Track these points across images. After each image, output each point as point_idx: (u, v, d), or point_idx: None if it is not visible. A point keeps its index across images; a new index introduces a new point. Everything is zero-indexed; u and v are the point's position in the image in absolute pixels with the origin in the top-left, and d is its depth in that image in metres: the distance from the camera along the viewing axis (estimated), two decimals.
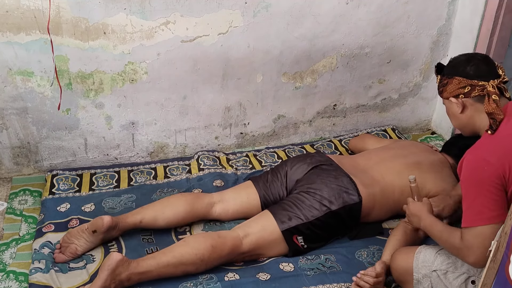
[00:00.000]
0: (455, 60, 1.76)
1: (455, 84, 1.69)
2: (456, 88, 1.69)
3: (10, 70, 2.27)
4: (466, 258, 1.60)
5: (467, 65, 1.70)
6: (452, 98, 1.71)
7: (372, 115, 3.02)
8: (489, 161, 1.54)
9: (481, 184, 1.55)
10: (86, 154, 2.60)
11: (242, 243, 1.94)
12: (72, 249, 1.99)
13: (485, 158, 1.55)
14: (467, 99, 1.69)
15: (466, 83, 1.67)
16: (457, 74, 1.69)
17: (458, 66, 1.71)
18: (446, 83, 1.72)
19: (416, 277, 1.77)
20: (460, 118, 1.74)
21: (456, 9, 2.78)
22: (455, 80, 1.69)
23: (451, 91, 1.71)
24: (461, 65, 1.71)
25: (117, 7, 2.26)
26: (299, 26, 2.57)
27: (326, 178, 2.11)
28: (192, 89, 2.58)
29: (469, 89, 1.67)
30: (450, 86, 1.71)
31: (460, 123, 1.76)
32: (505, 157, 1.54)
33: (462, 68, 1.70)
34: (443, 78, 1.74)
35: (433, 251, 1.78)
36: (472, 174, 1.58)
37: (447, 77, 1.72)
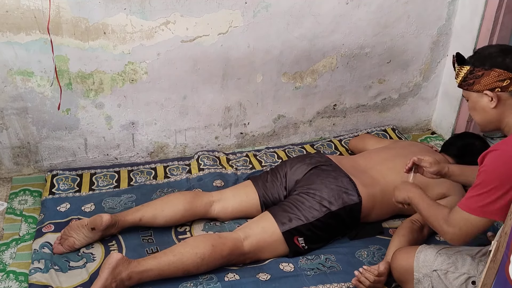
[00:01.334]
0: (487, 50, 1.65)
1: (494, 76, 1.58)
2: (494, 80, 1.58)
3: (10, 70, 2.27)
4: (445, 234, 1.60)
5: (506, 57, 1.60)
6: (487, 91, 1.60)
7: (372, 115, 3.02)
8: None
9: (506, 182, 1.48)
10: (86, 154, 2.60)
11: (243, 244, 1.94)
12: (71, 243, 2.01)
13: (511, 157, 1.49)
14: (503, 93, 1.59)
15: (506, 76, 1.57)
16: (495, 65, 1.58)
17: (494, 57, 1.60)
18: (481, 74, 1.59)
19: (416, 276, 1.77)
20: (489, 113, 1.64)
21: (456, 9, 2.78)
22: (494, 72, 1.58)
23: (487, 84, 1.59)
24: (498, 56, 1.60)
25: (117, 7, 2.26)
26: (299, 26, 2.57)
27: (325, 179, 2.11)
28: (192, 89, 2.58)
29: (508, 83, 1.57)
30: (487, 78, 1.58)
31: (487, 118, 1.66)
32: None
33: (500, 59, 1.58)
34: (476, 69, 1.61)
35: (433, 250, 1.78)
36: (502, 168, 1.50)
37: (482, 68, 1.59)
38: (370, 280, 1.84)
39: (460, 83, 1.68)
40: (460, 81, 1.67)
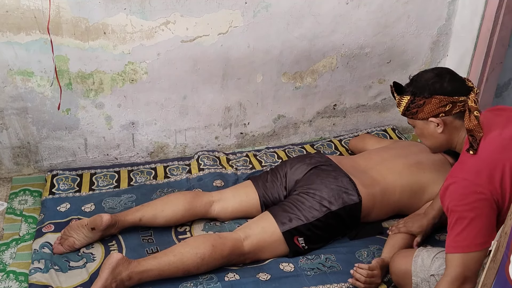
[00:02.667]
0: (423, 77, 1.66)
1: (435, 104, 1.60)
2: (437, 107, 1.60)
3: (10, 70, 2.27)
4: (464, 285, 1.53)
5: (442, 81, 1.61)
6: (432, 118, 1.62)
7: (372, 115, 3.02)
8: (481, 184, 1.48)
9: (479, 208, 1.48)
10: (86, 154, 2.60)
11: (243, 244, 1.95)
12: (70, 243, 2.01)
13: (475, 182, 1.49)
14: (447, 117, 1.62)
15: (447, 101, 1.59)
16: (435, 92, 1.60)
17: (432, 84, 1.62)
18: (422, 103, 1.62)
19: (414, 281, 1.77)
20: (438, 138, 1.67)
21: (456, 9, 2.78)
22: (435, 99, 1.60)
23: (430, 111, 1.62)
24: (436, 82, 1.62)
25: (117, 7, 2.26)
26: (299, 26, 2.57)
27: (325, 179, 2.11)
28: (192, 89, 2.58)
29: (450, 107, 1.59)
30: (429, 106, 1.61)
31: (438, 142, 1.69)
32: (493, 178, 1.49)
33: (438, 85, 1.61)
34: (417, 99, 1.63)
35: (430, 255, 1.77)
36: (466, 199, 1.49)
37: (423, 97, 1.62)
38: (363, 275, 1.87)
39: (403, 112, 1.70)
40: (403, 110, 1.69)
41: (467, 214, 1.50)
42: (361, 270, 1.89)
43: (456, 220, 1.52)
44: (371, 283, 1.89)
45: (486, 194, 1.48)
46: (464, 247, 1.51)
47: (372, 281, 1.88)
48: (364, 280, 1.87)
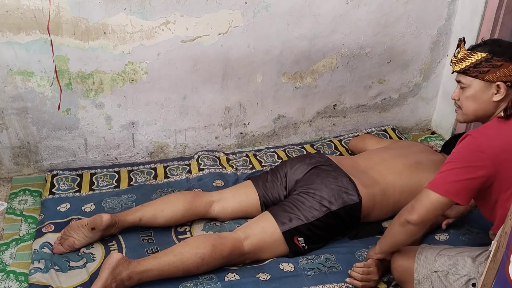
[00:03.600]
0: (504, 42, 1.63)
1: (511, 70, 1.56)
2: (511, 73, 1.56)
3: (10, 70, 2.27)
4: (411, 214, 1.63)
5: None
6: (500, 83, 1.57)
7: (372, 115, 3.02)
8: (486, 151, 1.52)
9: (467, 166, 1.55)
10: (86, 154, 2.60)
11: (243, 244, 1.94)
12: (70, 243, 2.01)
13: (482, 146, 1.53)
14: (510, 88, 1.58)
15: None
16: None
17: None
18: (499, 65, 1.56)
19: (417, 277, 1.77)
20: (489, 105, 1.62)
21: (456, 9, 2.78)
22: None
23: (503, 75, 1.57)
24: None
25: (117, 7, 2.26)
26: (299, 26, 2.57)
27: (325, 179, 2.11)
28: (192, 89, 2.58)
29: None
30: (504, 70, 1.55)
31: (484, 109, 1.64)
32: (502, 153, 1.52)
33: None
34: (495, 58, 1.57)
35: (434, 251, 1.78)
36: (464, 152, 1.57)
37: (503, 59, 1.56)
38: (359, 273, 1.89)
39: (466, 68, 1.62)
40: (467, 67, 1.62)
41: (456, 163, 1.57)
42: (357, 268, 1.91)
43: (447, 162, 1.60)
44: (368, 280, 1.90)
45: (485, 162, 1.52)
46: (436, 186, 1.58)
47: (369, 278, 1.90)
48: (361, 278, 1.89)
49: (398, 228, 1.72)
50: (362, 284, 1.90)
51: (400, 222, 1.70)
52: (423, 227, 1.67)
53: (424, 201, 1.61)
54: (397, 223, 1.73)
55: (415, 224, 1.65)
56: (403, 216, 1.68)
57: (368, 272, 1.90)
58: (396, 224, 1.73)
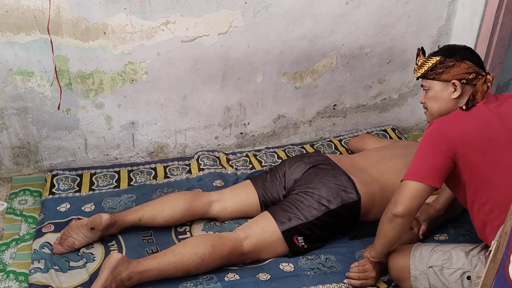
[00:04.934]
0: (455, 45, 1.79)
1: (464, 68, 1.70)
2: (464, 72, 1.70)
3: (10, 70, 2.27)
4: (395, 207, 1.69)
5: (472, 54, 1.73)
6: (455, 81, 1.71)
7: (372, 115, 3.02)
8: (447, 134, 1.65)
9: (433, 149, 1.67)
10: (86, 154, 2.60)
11: (242, 244, 1.95)
12: (70, 243, 2.01)
13: (445, 130, 1.66)
14: (466, 85, 1.72)
15: (474, 69, 1.70)
16: (466, 58, 1.70)
17: (465, 52, 1.73)
18: (452, 65, 1.71)
19: (413, 273, 1.79)
20: (449, 103, 1.75)
21: (456, 9, 2.79)
22: (465, 64, 1.70)
23: (456, 74, 1.71)
24: (467, 51, 1.73)
25: (117, 7, 2.26)
26: (299, 26, 2.57)
27: (324, 177, 2.11)
28: (192, 89, 2.58)
29: (473, 76, 1.70)
30: (457, 69, 1.70)
31: (446, 107, 1.77)
32: (464, 135, 1.64)
33: (469, 54, 1.72)
34: (447, 60, 1.72)
35: (428, 248, 1.81)
36: (429, 138, 1.70)
37: (454, 59, 1.71)
38: (355, 272, 1.91)
39: (425, 72, 1.77)
40: (426, 71, 1.77)
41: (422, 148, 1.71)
42: (353, 268, 1.93)
43: (416, 152, 1.72)
44: (366, 278, 1.91)
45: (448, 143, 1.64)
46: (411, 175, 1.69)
47: (366, 275, 1.91)
48: (357, 276, 1.91)
49: (387, 225, 1.77)
50: (360, 282, 1.91)
51: (387, 218, 1.75)
52: (410, 217, 1.72)
53: (404, 192, 1.69)
54: (385, 221, 1.77)
55: (402, 215, 1.70)
56: (389, 211, 1.73)
57: (364, 270, 1.92)
58: (384, 221, 1.77)
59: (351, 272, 1.93)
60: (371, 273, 1.91)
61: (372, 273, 1.91)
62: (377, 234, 1.85)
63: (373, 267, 1.92)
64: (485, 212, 1.66)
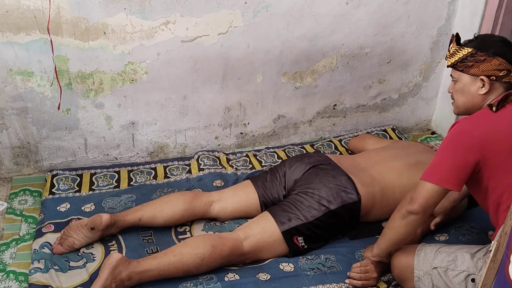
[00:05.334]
0: (490, 37, 1.70)
1: (494, 64, 1.62)
2: (494, 68, 1.62)
3: (10, 70, 2.27)
4: (411, 205, 1.67)
5: (508, 49, 1.64)
6: (484, 77, 1.64)
7: (372, 115, 3.02)
8: (474, 136, 1.59)
9: (455, 151, 1.61)
10: (86, 154, 2.60)
11: (242, 244, 1.95)
12: (70, 243, 2.01)
13: (471, 132, 1.60)
14: (496, 82, 1.64)
15: (506, 67, 1.62)
16: (499, 54, 1.62)
17: (499, 46, 1.64)
18: (483, 59, 1.63)
19: (417, 274, 1.78)
20: (475, 98, 1.68)
21: (456, 9, 2.79)
22: (496, 60, 1.62)
23: (486, 70, 1.63)
24: (503, 46, 1.65)
25: (117, 7, 2.26)
26: (299, 26, 2.57)
27: (324, 178, 2.11)
28: (192, 89, 2.58)
29: (504, 73, 1.62)
30: (487, 65, 1.62)
31: (472, 102, 1.70)
32: (490, 138, 1.58)
33: (504, 50, 1.63)
34: (479, 53, 1.64)
35: (433, 248, 1.80)
36: (453, 139, 1.63)
37: (486, 54, 1.63)
38: (357, 272, 1.91)
39: (455, 63, 1.70)
40: (456, 61, 1.70)
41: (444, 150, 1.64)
42: (355, 268, 1.93)
43: (437, 152, 1.67)
44: (367, 279, 1.91)
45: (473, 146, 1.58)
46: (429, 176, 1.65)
47: (367, 276, 1.91)
48: (359, 277, 1.90)
49: (399, 222, 1.75)
50: (361, 283, 1.90)
51: (401, 214, 1.73)
52: (424, 215, 1.70)
53: (421, 191, 1.66)
54: (397, 217, 1.75)
55: (417, 213, 1.68)
56: (404, 208, 1.71)
57: (366, 271, 1.91)
58: (397, 218, 1.75)
59: (353, 272, 1.93)
60: (372, 273, 1.91)
61: (374, 274, 1.91)
62: (385, 230, 1.84)
63: (375, 267, 1.92)
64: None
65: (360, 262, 1.94)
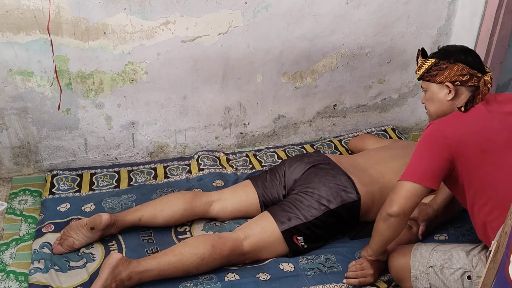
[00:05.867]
0: (451, 47, 1.80)
1: (456, 70, 1.70)
2: (456, 74, 1.71)
3: (10, 70, 2.27)
4: (390, 207, 1.70)
5: (468, 55, 1.74)
6: (448, 83, 1.72)
7: (372, 115, 3.02)
8: (446, 134, 1.66)
9: (430, 150, 1.68)
10: (86, 154, 2.60)
11: (242, 244, 1.95)
12: (70, 243, 2.01)
13: (443, 131, 1.67)
14: (461, 87, 1.72)
15: (467, 71, 1.70)
16: (459, 61, 1.71)
17: (458, 54, 1.73)
18: (445, 67, 1.72)
19: (413, 273, 1.79)
20: (444, 105, 1.76)
21: (456, 9, 2.79)
22: (457, 66, 1.70)
23: (449, 76, 1.72)
24: (461, 54, 1.73)
25: (117, 7, 2.26)
26: (299, 26, 2.57)
27: (324, 177, 2.11)
28: (192, 89, 2.58)
29: (467, 78, 1.70)
30: (450, 71, 1.71)
31: (442, 109, 1.77)
32: (463, 135, 1.65)
33: (463, 56, 1.72)
34: (441, 62, 1.73)
35: (429, 248, 1.81)
36: (427, 139, 1.71)
37: (447, 62, 1.72)
38: (353, 270, 1.92)
39: (422, 74, 1.79)
40: (423, 73, 1.78)
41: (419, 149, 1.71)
42: (351, 267, 1.94)
43: (414, 153, 1.73)
44: (364, 276, 1.91)
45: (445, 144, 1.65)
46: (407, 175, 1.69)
47: (364, 273, 1.91)
48: (355, 275, 1.91)
49: (382, 224, 1.77)
50: (358, 280, 1.91)
51: (382, 217, 1.76)
52: (404, 217, 1.72)
53: (400, 192, 1.69)
54: (380, 220, 1.78)
55: (396, 215, 1.70)
56: (384, 211, 1.74)
57: (361, 268, 1.92)
58: (380, 220, 1.78)
59: (349, 271, 1.94)
60: (368, 270, 1.92)
61: (370, 271, 1.92)
62: (373, 232, 1.86)
63: (371, 264, 1.92)
64: (486, 213, 1.66)
65: (355, 261, 1.96)
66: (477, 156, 1.64)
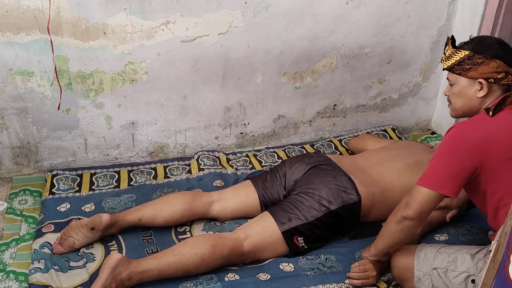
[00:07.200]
0: (487, 39, 1.67)
1: (493, 67, 1.60)
2: (492, 70, 1.60)
3: (10, 70, 2.27)
4: (406, 210, 1.66)
5: (505, 52, 1.62)
6: (482, 80, 1.62)
7: (372, 115, 3.02)
8: (470, 141, 1.57)
9: (450, 155, 1.59)
10: (86, 154, 2.60)
11: (243, 244, 1.95)
12: (70, 243, 2.01)
13: (466, 136, 1.59)
14: (494, 84, 1.62)
15: (504, 69, 1.60)
16: (497, 56, 1.59)
17: (496, 49, 1.62)
18: (481, 62, 1.60)
19: (417, 274, 1.78)
20: (473, 101, 1.67)
21: (456, 9, 2.79)
22: (494, 62, 1.59)
23: (484, 72, 1.61)
24: (500, 48, 1.62)
25: (117, 7, 2.26)
26: (299, 26, 2.57)
27: (324, 178, 2.11)
28: (192, 89, 2.58)
29: (503, 76, 1.60)
30: (485, 67, 1.60)
31: (470, 105, 1.68)
32: (487, 143, 1.56)
33: (502, 52, 1.61)
34: (476, 56, 1.61)
35: (434, 249, 1.79)
36: (450, 144, 1.62)
37: (484, 56, 1.60)
38: (356, 271, 1.91)
39: (451, 66, 1.67)
40: (453, 64, 1.67)
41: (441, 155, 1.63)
42: (354, 268, 1.93)
43: (434, 157, 1.66)
44: (367, 277, 1.91)
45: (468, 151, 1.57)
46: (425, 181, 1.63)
47: (366, 275, 1.91)
48: (358, 276, 1.91)
49: (394, 226, 1.75)
50: (361, 282, 1.91)
51: (396, 219, 1.73)
52: (419, 221, 1.70)
53: (417, 196, 1.65)
54: (392, 221, 1.75)
55: (411, 219, 1.67)
56: (399, 213, 1.71)
57: (364, 270, 1.92)
58: (392, 222, 1.75)
59: (352, 272, 1.93)
60: (371, 272, 1.91)
61: (373, 273, 1.91)
62: (382, 233, 1.84)
63: (373, 266, 1.92)
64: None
65: (358, 262, 1.95)
66: (503, 163, 1.56)
